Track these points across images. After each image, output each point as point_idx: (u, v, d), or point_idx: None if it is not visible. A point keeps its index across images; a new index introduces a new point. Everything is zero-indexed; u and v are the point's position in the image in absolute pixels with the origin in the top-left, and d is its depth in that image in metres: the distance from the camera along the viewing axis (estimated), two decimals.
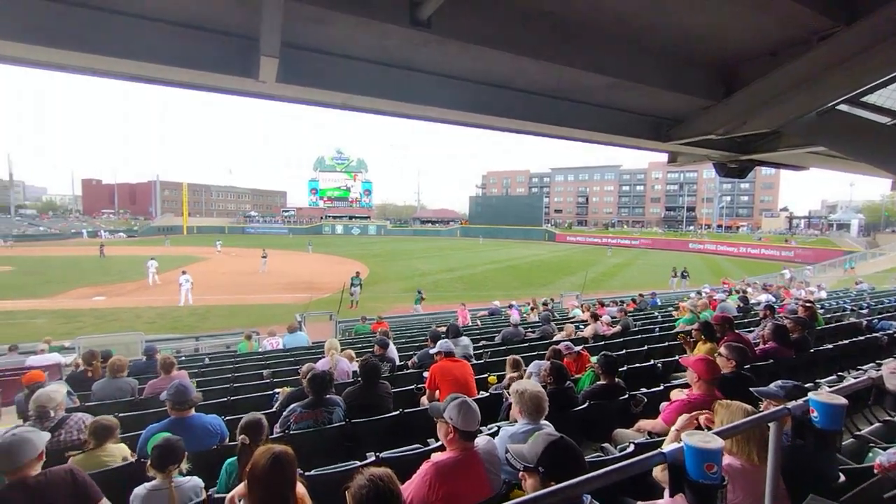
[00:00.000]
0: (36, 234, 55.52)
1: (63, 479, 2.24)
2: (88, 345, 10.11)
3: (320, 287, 22.62)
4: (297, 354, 7.77)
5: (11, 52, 2.78)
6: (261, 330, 11.09)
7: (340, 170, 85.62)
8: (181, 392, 3.08)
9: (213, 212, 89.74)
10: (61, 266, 29.10)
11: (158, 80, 3.11)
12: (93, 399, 5.09)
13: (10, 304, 17.51)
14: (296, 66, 3.00)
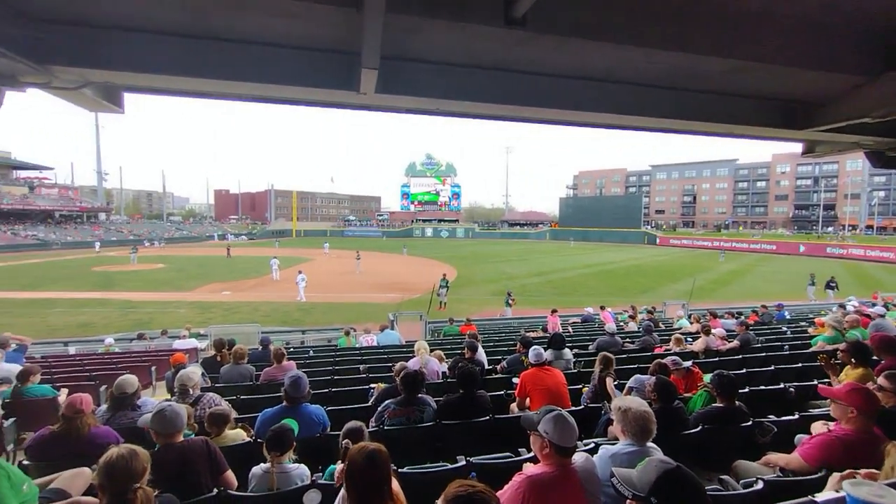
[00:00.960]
0: (180, 237, 65.89)
1: (200, 447, 2.59)
2: (217, 333, 11.68)
3: (411, 288, 23.52)
4: (389, 352, 8.12)
5: (162, 84, 3.30)
6: (357, 326, 11.83)
7: (430, 174, 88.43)
8: (297, 385, 3.38)
9: (317, 216, 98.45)
10: (198, 264, 34.16)
11: (277, 100, 3.45)
12: (220, 381, 5.83)
13: (163, 296, 20.96)
14: (392, 76, 3.13)
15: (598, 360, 4.34)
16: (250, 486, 2.62)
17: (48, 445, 3.10)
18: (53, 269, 30.15)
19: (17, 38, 2.61)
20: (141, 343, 11.67)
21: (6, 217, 50.78)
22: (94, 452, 3.08)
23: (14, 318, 16.14)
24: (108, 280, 25.61)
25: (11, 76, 2.85)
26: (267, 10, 2.51)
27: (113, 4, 2.67)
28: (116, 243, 50.08)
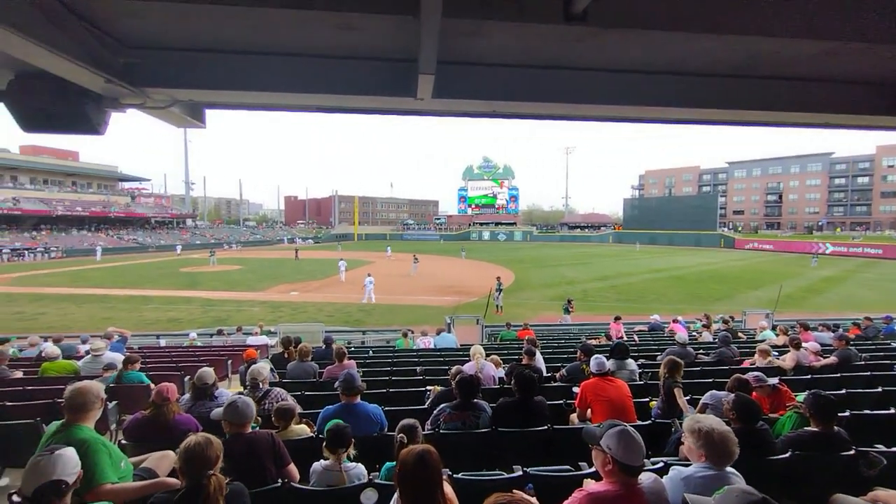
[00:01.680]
0: (255, 240, 71.09)
1: (266, 439, 2.75)
2: (286, 331, 12.42)
3: (467, 291, 23.53)
4: (446, 355, 8.16)
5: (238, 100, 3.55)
6: (414, 329, 12.03)
7: (487, 177, 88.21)
8: (349, 380, 3.48)
9: (377, 220, 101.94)
10: (270, 266, 36.64)
11: (340, 109, 3.59)
12: (287, 377, 6.17)
13: (239, 295, 22.71)
14: (448, 81, 3.12)
15: (664, 365, 4.04)
16: (311, 481, 2.72)
17: (140, 428, 3.44)
18: (149, 270, 33.79)
19: (118, 66, 2.94)
20: (219, 338, 12.73)
21: (113, 223, 57.77)
22: (178, 437, 3.38)
23: (116, 312, 18.27)
24: (192, 280, 28.21)
25: (114, 99, 3.21)
26: (330, 25, 2.61)
27: (196, 30, 2.92)
28: (200, 246, 55.09)
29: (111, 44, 2.85)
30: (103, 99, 3.26)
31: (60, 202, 52.68)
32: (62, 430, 2.54)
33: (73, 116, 3.20)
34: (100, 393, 2.71)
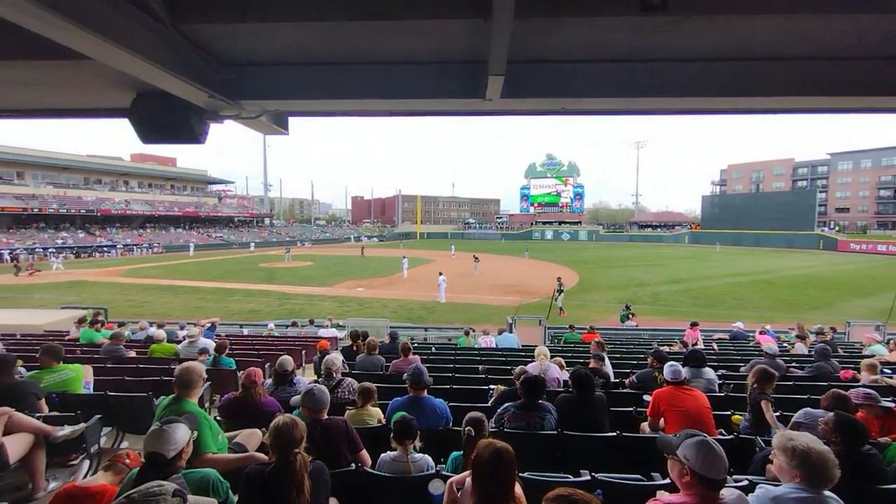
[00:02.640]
0: (324, 238, 75.19)
1: (340, 425, 2.94)
2: (353, 325, 13.05)
3: (530, 291, 23.16)
4: (508, 355, 8.12)
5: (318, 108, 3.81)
6: (476, 327, 12.09)
7: (551, 175, 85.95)
8: (418, 375, 3.61)
9: (439, 220, 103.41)
10: (338, 263, 38.59)
11: (411, 112, 3.73)
12: (356, 368, 6.49)
13: (310, 290, 24.20)
14: (517, 80, 3.13)
15: (752, 374, 3.72)
16: (380, 468, 2.87)
17: (232, 407, 3.82)
18: (232, 265, 37.04)
19: (218, 82, 3.29)
20: (294, 329, 13.65)
21: (203, 222, 64.04)
22: (262, 417, 3.71)
23: (205, 303, 20.25)
24: (270, 275, 30.51)
25: (214, 112, 3.61)
26: (404, 32, 2.74)
27: (281, 46, 3.19)
28: (276, 244, 59.36)
29: (213, 63, 3.20)
30: (205, 112, 3.66)
31: (161, 203, 59.42)
32: (173, 403, 2.91)
33: (181, 128, 3.63)
34: (202, 373, 3.07)
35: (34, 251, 38.57)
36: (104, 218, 51.15)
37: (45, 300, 19.84)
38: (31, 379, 4.34)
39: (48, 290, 22.92)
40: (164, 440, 2.04)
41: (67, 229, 47.45)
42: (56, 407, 4.39)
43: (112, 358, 7.11)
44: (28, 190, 47.36)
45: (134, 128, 3.77)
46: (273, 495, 2.04)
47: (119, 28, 2.34)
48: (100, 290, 23.52)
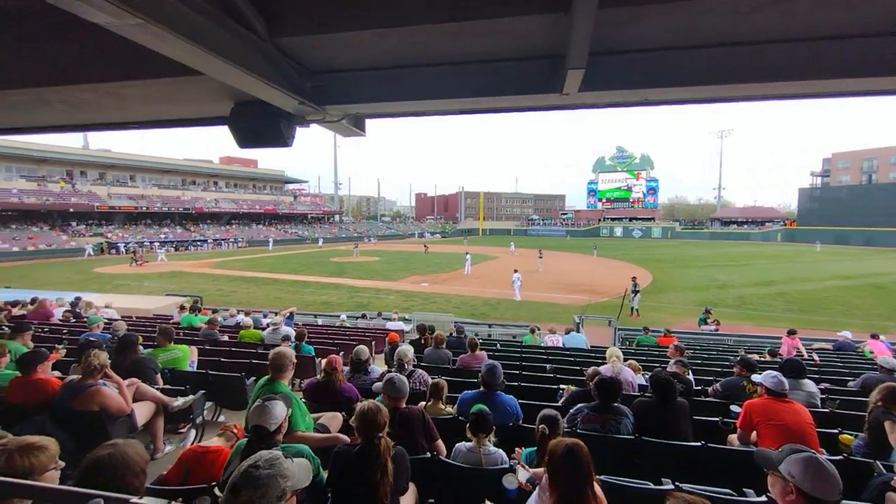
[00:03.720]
0: (389, 234, 77.73)
1: (417, 414, 3.06)
2: (419, 319, 13.40)
3: (597, 290, 22.27)
4: (576, 355, 7.90)
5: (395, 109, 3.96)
6: (541, 326, 11.88)
7: (621, 169, 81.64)
8: (493, 372, 3.65)
9: (501, 216, 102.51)
10: (403, 258, 39.71)
11: (483, 110, 3.75)
12: (424, 361, 6.67)
13: (377, 284, 25.18)
14: (597, 73, 3.02)
15: (878, 392, 3.30)
16: (454, 458, 2.95)
17: (315, 390, 4.11)
18: (306, 259, 39.51)
19: (307, 89, 3.54)
20: (363, 321, 14.31)
21: (280, 219, 68.94)
22: (342, 401, 3.97)
23: (283, 293, 21.83)
24: (340, 269, 32.15)
25: (302, 117, 3.89)
26: (480, 32, 2.76)
27: (364, 52, 3.35)
28: (345, 239, 62.38)
29: (302, 72, 3.45)
30: (293, 117, 3.95)
31: (245, 202, 64.86)
32: (268, 383, 3.21)
33: (272, 133, 3.95)
34: (293, 357, 3.35)
35: (143, 244, 43.90)
36: (198, 215, 56.97)
37: (152, 288, 22.55)
38: (150, 356, 4.98)
39: (154, 279, 26.03)
40: (267, 415, 2.26)
41: (168, 225, 53.46)
42: (168, 381, 5.01)
43: (209, 341, 7.92)
44: (138, 191, 54.00)
45: (232, 134, 4.16)
46: (359, 474, 2.19)
47: (228, 46, 2.61)
48: (195, 280, 26.27)
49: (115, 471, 1.60)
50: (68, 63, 3.29)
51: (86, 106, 4.29)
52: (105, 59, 3.23)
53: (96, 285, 23.10)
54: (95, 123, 5.12)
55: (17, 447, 1.64)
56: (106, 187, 50.87)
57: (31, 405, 3.50)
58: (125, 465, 1.62)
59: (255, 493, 1.50)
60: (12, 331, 6.04)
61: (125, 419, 3.73)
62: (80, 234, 43.89)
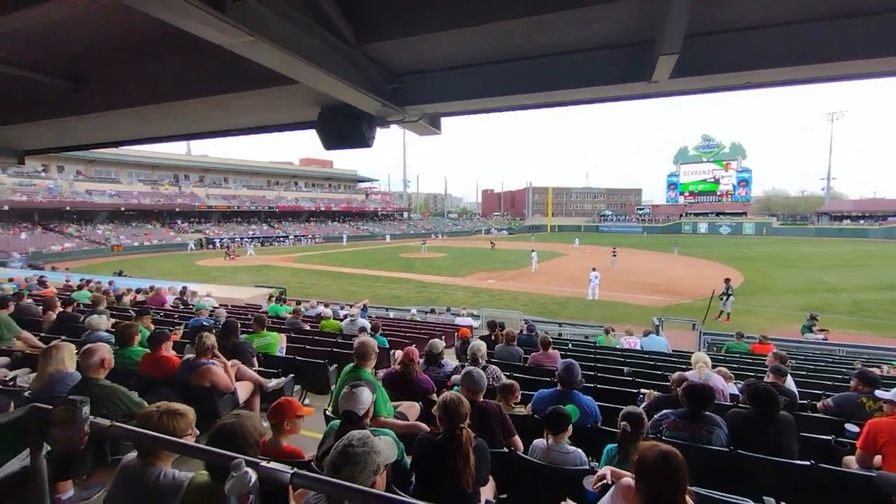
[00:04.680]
0: (455, 231, 78.43)
1: (495, 409, 3.09)
2: (488, 316, 13.41)
3: (678, 291, 20.75)
4: (656, 359, 7.45)
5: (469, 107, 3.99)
6: (616, 326, 11.33)
7: (707, 159, 74.96)
8: (571, 371, 3.57)
9: (571, 212, 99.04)
10: (469, 255, 39.91)
11: (561, 103, 3.66)
12: (494, 357, 6.68)
13: (444, 279, 25.59)
14: (691, 57, 2.82)
15: None
16: (531, 454, 2.93)
17: (393, 380, 4.30)
18: (377, 254, 41.17)
19: (389, 91, 3.69)
20: (432, 316, 14.65)
21: (353, 216, 72.47)
22: (419, 392, 4.11)
23: (356, 287, 22.96)
24: (408, 264, 33.10)
25: (383, 118, 4.06)
26: (566, 23, 2.69)
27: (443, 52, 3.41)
28: (413, 235, 64.03)
29: (385, 75, 3.60)
30: (374, 118, 4.14)
31: (322, 200, 69.05)
32: (353, 370, 3.42)
33: (355, 135, 4.16)
34: (375, 347, 3.54)
35: (234, 240, 48.47)
36: (280, 213, 61.74)
37: (242, 280, 24.87)
38: (247, 341, 5.52)
39: (244, 272, 28.67)
40: (355, 400, 2.42)
41: (255, 222, 58.50)
42: (262, 364, 5.51)
43: (294, 329, 8.58)
44: (231, 191, 59.71)
45: (319, 137, 4.46)
46: (443, 463, 2.27)
47: (322, 54, 2.80)
48: (279, 273, 28.52)
49: (234, 438, 1.82)
50: (187, 80, 3.73)
51: (197, 117, 4.83)
52: (216, 75, 3.62)
53: (198, 276, 25.99)
54: (203, 132, 5.74)
55: (167, 411, 1.95)
56: (204, 189, 56.90)
57: (158, 378, 4.05)
58: (243, 435, 1.84)
59: (356, 468, 1.62)
60: (137, 314, 7.02)
61: (230, 396, 4.17)
62: (183, 231, 49.58)
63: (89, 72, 3.97)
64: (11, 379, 4.28)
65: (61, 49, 3.73)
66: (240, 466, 1.25)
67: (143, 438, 1.68)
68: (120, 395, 3.21)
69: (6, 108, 4.57)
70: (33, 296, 10.11)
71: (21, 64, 3.68)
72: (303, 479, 1.28)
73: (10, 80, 4.08)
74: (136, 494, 1.86)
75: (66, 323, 6.90)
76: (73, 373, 3.38)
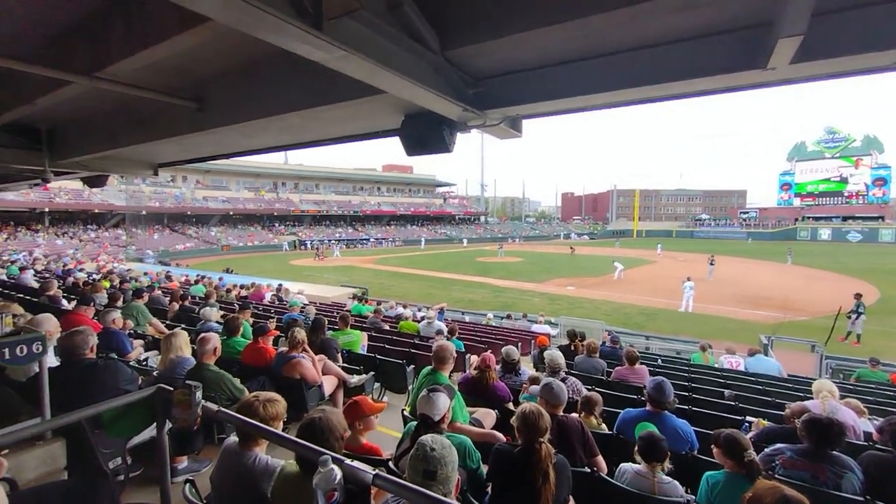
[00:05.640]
0: (533, 235, 76.72)
1: (576, 425, 2.92)
2: (567, 324, 12.88)
3: (794, 307, 18.20)
4: (765, 383, 6.56)
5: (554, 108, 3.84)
6: (714, 344, 10.22)
7: (831, 155, 65.06)
8: (661, 390, 3.27)
9: (661, 216, 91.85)
10: (547, 260, 38.79)
11: (661, 98, 3.38)
12: (574, 369, 6.37)
13: (521, 285, 25.10)
14: (819, 37, 2.43)
15: None
16: (619, 479, 2.71)
17: (469, 385, 4.27)
18: (454, 258, 41.66)
19: (470, 96, 3.70)
20: (508, 322, 14.42)
21: (431, 220, 74.26)
22: (495, 400, 4.03)
23: (433, 290, 23.38)
24: (484, 268, 33.02)
25: (464, 123, 4.08)
26: (669, 9, 2.47)
27: (527, 53, 3.33)
28: (489, 239, 63.87)
29: (467, 79, 3.61)
30: (455, 124, 4.17)
31: (402, 204, 71.77)
32: (431, 374, 3.46)
33: (437, 141, 4.22)
34: (453, 352, 3.55)
35: (323, 242, 52.19)
36: (363, 217, 65.29)
37: (329, 279, 26.63)
38: (333, 337, 5.86)
39: (331, 272, 30.71)
40: (432, 405, 2.42)
41: (341, 226, 62.49)
42: (345, 360, 5.82)
43: (374, 328, 8.96)
44: (321, 197, 64.49)
45: (402, 144, 4.60)
46: (521, 476, 2.18)
47: (406, 64, 2.88)
48: (361, 274, 30.11)
49: (322, 432, 1.91)
50: (285, 95, 4.07)
51: (293, 129, 5.27)
52: (310, 89, 3.91)
53: (290, 275, 28.34)
54: (298, 143, 6.25)
55: (266, 399, 2.13)
56: (298, 195, 62.14)
57: (257, 367, 4.45)
58: (329, 429, 1.93)
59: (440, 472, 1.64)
60: (240, 308, 7.82)
61: (316, 389, 4.45)
62: (280, 233, 54.53)
63: (209, 93, 4.51)
64: (145, 359, 4.99)
65: (188, 75, 4.29)
66: (327, 463, 1.30)
67: (243, 425, 1.83)
68: (225, 380, 3.58)
69: (146, 127, 5.37)
70: (161, 288, 11.79)
71: (159, 90, 4.30)
72: (384, 482, 1.30)
73: (150, 104, 4.79)
74: (234, 474, 2.04)
75: (185, 313, 7.91)
76: (189, 358, 3.84)
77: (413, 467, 1.68)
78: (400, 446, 2.53)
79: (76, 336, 3.05)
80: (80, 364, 3.02)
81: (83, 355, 3.05)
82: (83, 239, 38.51)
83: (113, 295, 7.27)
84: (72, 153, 6.31)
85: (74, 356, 3.03)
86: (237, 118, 4.39)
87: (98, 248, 35.56)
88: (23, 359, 2.32)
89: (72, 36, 3.47)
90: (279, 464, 2.00)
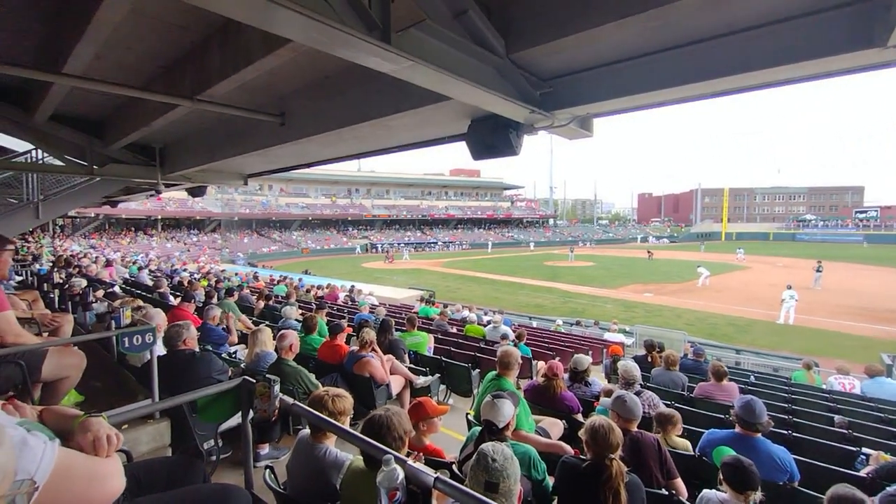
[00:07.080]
0: (606, 238, 73.05)
1: (651, 443, 2.72)
2: (643, 333, 12.10)
3: None
4: (886, 410, 5.63)
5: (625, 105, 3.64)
6: (821, 362, 8.99)
7: None
8: (751, 410, 2.94)
9: (755, 216, 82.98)
10: (622, 265, 36.72)
11: (746, 88, 3.08)
12: (651, 382, 5.94)
13: (592, 290, 24.02)
14: None
15: None
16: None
17: (535, 393, 4.16)
18: (522, 261, 40.99)
19: (537, 98, 3.63)
20: (578, 328, 13.87)
21: (498, 223, 73.75)
22: (563, 409, 3.89)
23: (500, 294, 23.17)
24: (553, 273, 32.07)
25: (531, 125, 4.01)
26: None
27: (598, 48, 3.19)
28: (559, 243, 61.93)
29: (533, 81, 3.54)
30: (522, 126, 4.11)
31: (469, 208, 72.17)
32: (495, 379, 3.43)
33: (502, 144, 4.19)
34: (518, 358, 3.49)
35: (392, 245, 54.09)
36: (431, 221, 66.61)
37: (398, 281, 27.48)
38: (401, 338, 6.03)
39: (400, 274, 31.68)
40: (497, 412, 2.39)
41: (410, 229, 64.28)
42: (412, 362, 5.95)
43: (440, 330, 9.07)
44: (391, 202, 66.90)
45: (469, 148, 4.63)
46: (589, 494, 2.08)
47: (472, 69, 2.90)
48: (429, 277, 30.70)
49: (384, 429, 1.98)
50: (358, 106, 4.29)
51: (365, 138, 5.52)
52: (379, 99, 4.08)
53: (362, 277, 29.68)
54: (369, 151, 6.55)
55: (335, 395, 2.26)
56: (370, 200, 65.02)
57: (331, 364, 4.71)
58: (388, 427, 1.99)
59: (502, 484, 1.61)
60: (316, 307, 8.34)
61: (384, 388, 4.61)
62: (353, 237, 57.45)
63: (289, 108, 4.89)
64: (234, 352, 5.51)
65: (273, 92, 4.69)
66: (390, 462, 1.34)
67: (313, 419, 1.95)
68: (302, 375, 3.83)
69: (237, 142, 5.95)
70: (249, 288, 12.94)
71: (248, 108, 4.74)
72: (444, 486, 1.30)
73: (241, 121, 5.31)
74: (307, 464, 2.18)
75: (270, 311, 8.61)
76: (272, 353, 4.17)
77: (474, 477, 1.67)
78: (463, 451, 2.53)
79: (173, 329, 3.46)
80: (182, 354, 3.41)
81: (181, 346, 3.44)
82: (187, 242, 43.62)
83: (209, 293, 8.14)
84: (178, 167, 7.18)
85: (175, 346, 3.43)
86: (314, 130, 4.71)
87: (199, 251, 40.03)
88: (137, 347, 2.69)
89: (179, 65, 3.96)
90: (348, 458, 2.10)
